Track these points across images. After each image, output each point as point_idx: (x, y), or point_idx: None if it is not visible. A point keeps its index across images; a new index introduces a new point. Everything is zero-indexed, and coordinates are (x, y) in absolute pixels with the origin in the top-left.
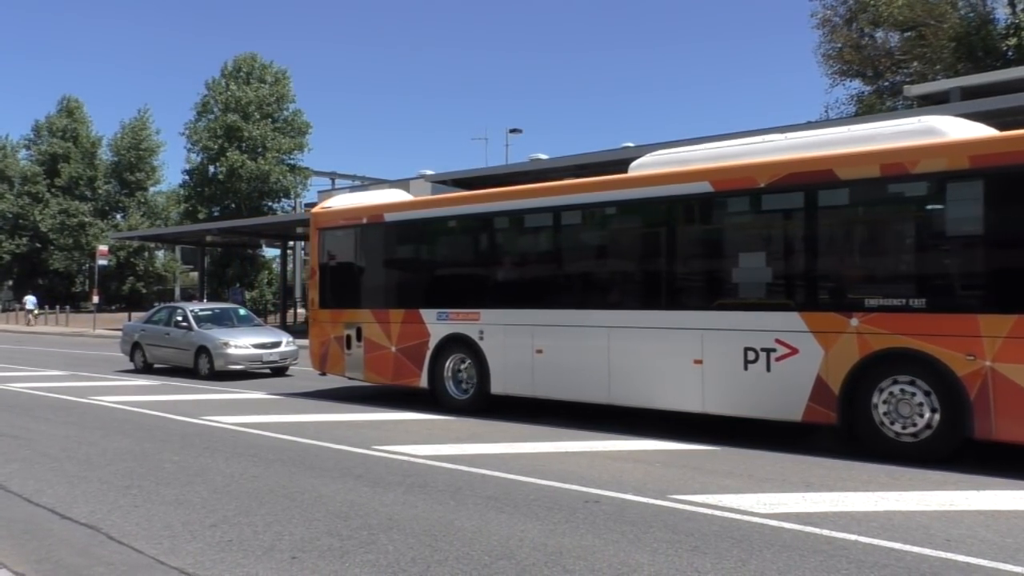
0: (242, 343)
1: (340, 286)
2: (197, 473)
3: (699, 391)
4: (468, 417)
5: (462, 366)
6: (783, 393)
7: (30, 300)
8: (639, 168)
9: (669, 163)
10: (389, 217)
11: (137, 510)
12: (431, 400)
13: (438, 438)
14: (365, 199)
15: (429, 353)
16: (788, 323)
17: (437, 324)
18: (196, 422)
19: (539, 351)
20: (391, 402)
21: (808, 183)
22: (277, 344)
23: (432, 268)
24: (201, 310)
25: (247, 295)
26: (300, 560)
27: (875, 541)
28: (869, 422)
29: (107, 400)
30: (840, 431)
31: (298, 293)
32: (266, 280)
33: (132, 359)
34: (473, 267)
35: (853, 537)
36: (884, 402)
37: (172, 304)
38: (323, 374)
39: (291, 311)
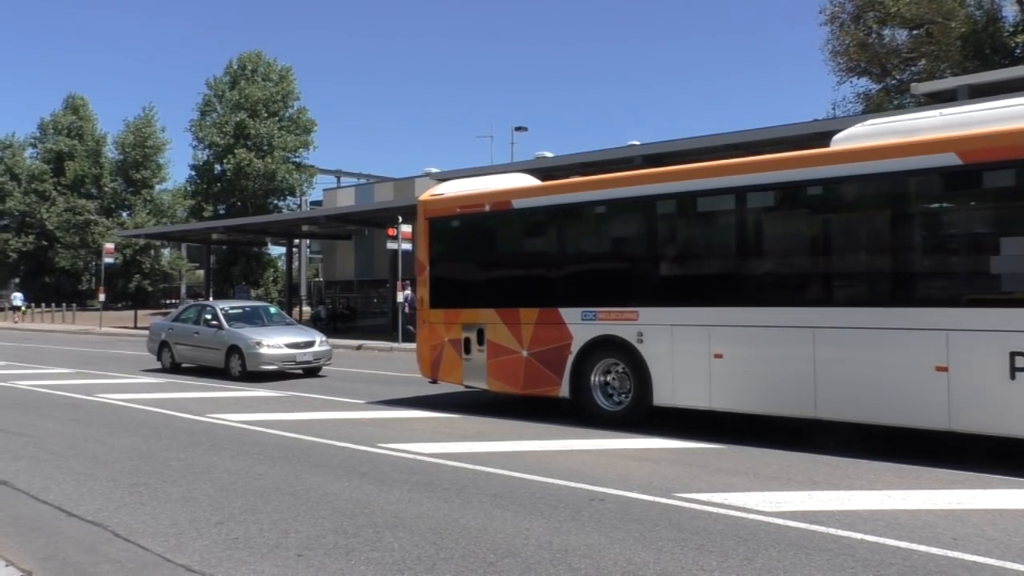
0: (275, 343)
1: (456, 283)
2: (203, 471)
3: (943, 404)
4: (472, 415)
5: (612, 373)
6: None
7: (17, 297)
8: (849, 140)
9: (891, 133)
10: (519, 203)
11: (143, 508)
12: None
13: (443, 436)
14: (483, 185)
15: (571, 358)
16: None
17: (581, 325)
18: (202, 420)
19: (717, 356)
20: (395, 401)
21: None
22: (311, 343)
23: (574, 261)
24: (231, 308)
25: (253, 293)
26: (306, 558)
27: (881, 540)
28: None
29: (113, 398)
30: None
31: (303, 291)
32: (272, 278)
33: (160, 358)
34: (628, 259)
35: (859, 536)
36: None
37: (201, 301)
38: (434, 381)
39: (296, 309)
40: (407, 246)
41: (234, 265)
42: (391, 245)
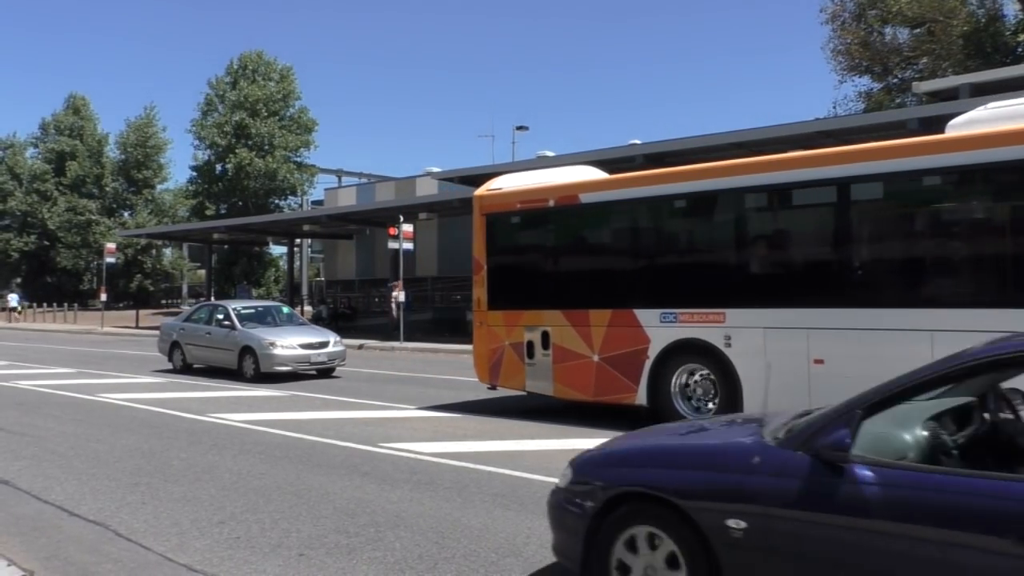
0: (289, 343)
1: (518, 282)
2: (205, 470)
3: None
4: (474, 414)
5: (693, 379)
6: None
7: (12, 297)
8: (971, 125)
9: (1020, 117)
10: (588, 198)
11: (145, 507)
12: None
13: (445, 435)
14: (544, 178)
15: (649, 363)
16: None
17: (661, 327)
18: (203, 419)
19: (818, 361)
20: (397, 400)
21: None
22: (325, 344)
23: (651, 259)
24: (244, 308)
25: (254, 292)
26: (308, 557)
27: None
28: None
29: (115, 398)
30: None
31: (304, 291)
32: (273, 278)
33: (171, 359)
34: (714, 257)
35: None
36: None
37: (213, 301)
38: (492, 387)
39: (298, 309)
40: (408, 245)
41: (235, 265)
42: (392, 245)
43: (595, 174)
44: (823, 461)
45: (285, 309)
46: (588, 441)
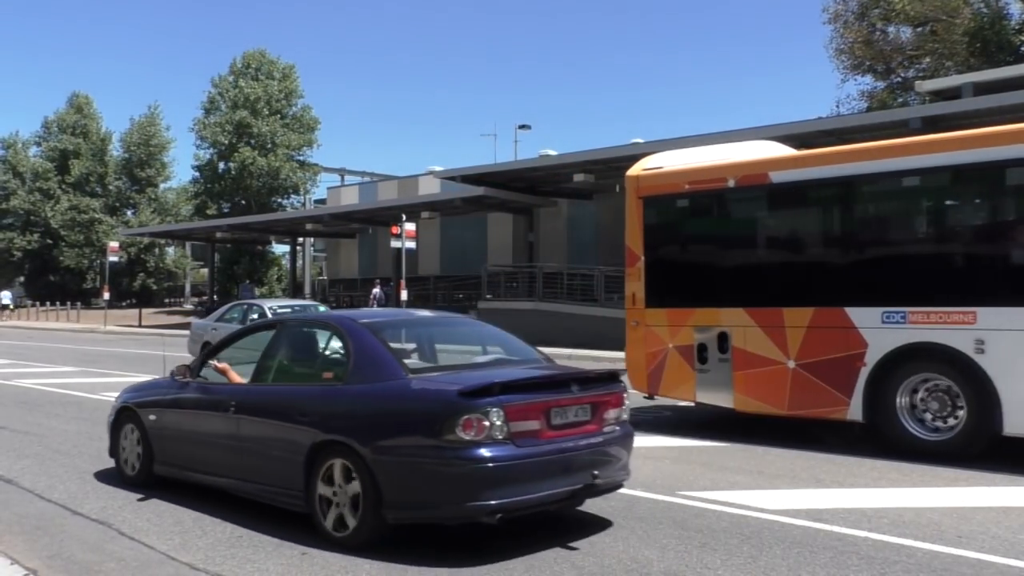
0: None
1: (686, 275)
2: None
3: None
4: None
5: (922, 391)
6: None
7: (5, 295)
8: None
9: None
10: (781, 176)
11: (148, 506)
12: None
13: None
14: (716, 155)
15: (867, 371)
16: None
17: (882, 329)
18: None
19: None
20: None
21: None
22: None
23: (870, 248)
24: (280, 307)
25: (257, 291)
26: (310, 556)
27: (885, 538)
28: None
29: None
30: None
31: (307, 290)
32: (276, 276)
33: None
34: (961, 244)
35: (863, 534)
36: None
37: (248, 300)
38: (650, 397)
39: None
40: (411, 244)
41: (238, 264)
42: (395, 243)
43: (781, 149)
44: (177, 383)
45: (322, 307)
46: None
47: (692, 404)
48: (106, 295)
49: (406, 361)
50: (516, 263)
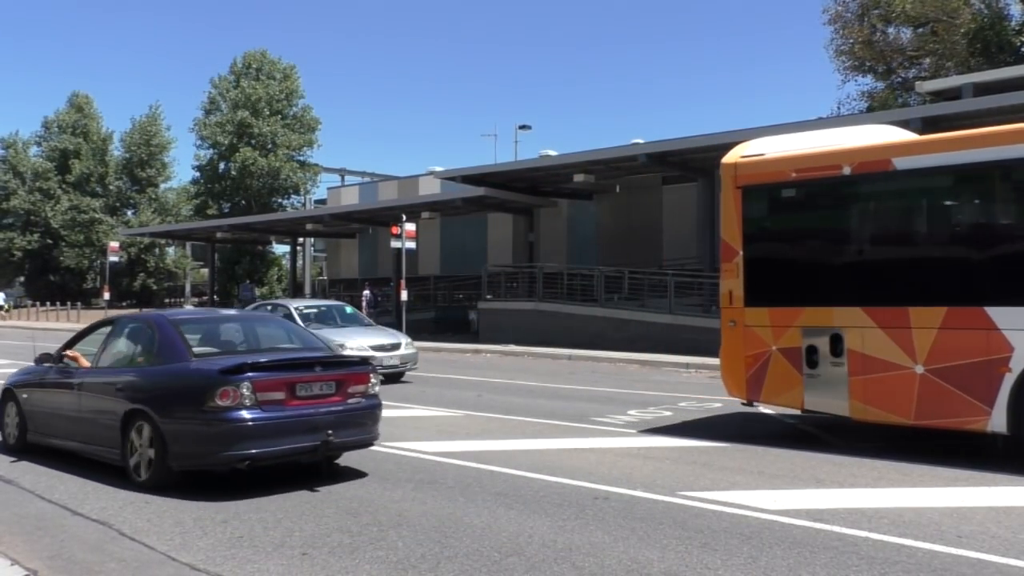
0: (359, 345)
1: (792, 271)
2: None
3: None
4: (475, 412)
5: None
6: None
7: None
8: None
9: None
10: (907, 163)
11: (148, 506)
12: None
13: (447, 435)
14: (818, 141)
15: (1011, 378)
16: None
17: None
18: None
19: None
20: (399, 399)
21: None
22: (396, 346)
23: (1018, 240)
24: (306, 307)
25: (257, 292)
26: (310, 556)
27: (885, 537)
28: None
29: None
30: None
31: (307, 290)
32: (276, 276)
33: None
34: None
35: (863, 534)
36: None
37: (274, 300)
38: (750, 404)
39: None
40: (411, 244)
41: (238, 264)
42: (395, 243)
43: (900, 134)
44: (45, 368)
45: (348, 309)
46: (590, 441)
47: (798, 412)
48: (106, 295)
49: (195, 348)
50: (516, 263)
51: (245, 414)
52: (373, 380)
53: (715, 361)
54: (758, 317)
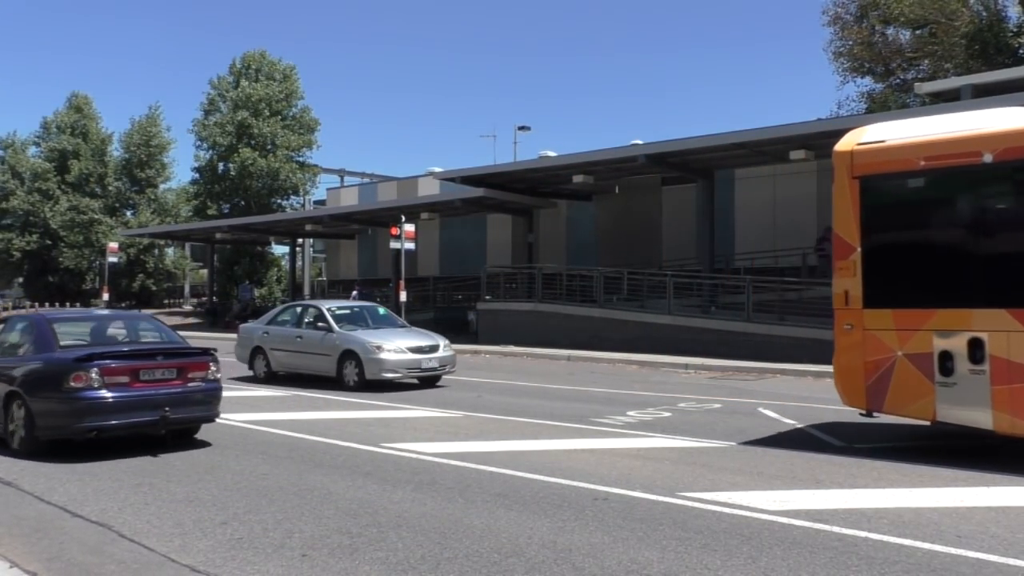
0: (397, 346)
1: (919, 269)
2: (207, 471)
3: None
4: (475, 413)
5: None
6: None
7: None
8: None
9: None
10: None
11: (148, 508)
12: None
13: (446, 436)
14: (951, 126)
15: None
16: None
17: None
18: None
19: None
20: (398, 400)
21: None
22: (435, 348)
23: None
24: (339, 308)
25: (256, 292)
26: (310, 558)
27: (885, 538)
28: None
29: None
30: None
31: (307, 291)
32: (275, 277)
33: (252, 367)
34: None
35: (863, 534)
36: None
37: (303, 301)
38: (868, 414)
39: None
40: (410, 245)
41: (238, 264)
42: (394, 244)
43: None
44: None
45: (381, 310)
46: (589, 442)
47: (927, 423)
48: (105, 296)
49: (63, 342)
50: (515, 264)
51: (94, 394)
52: (213, 368)
53: (713, 361)
54: (880, 320)
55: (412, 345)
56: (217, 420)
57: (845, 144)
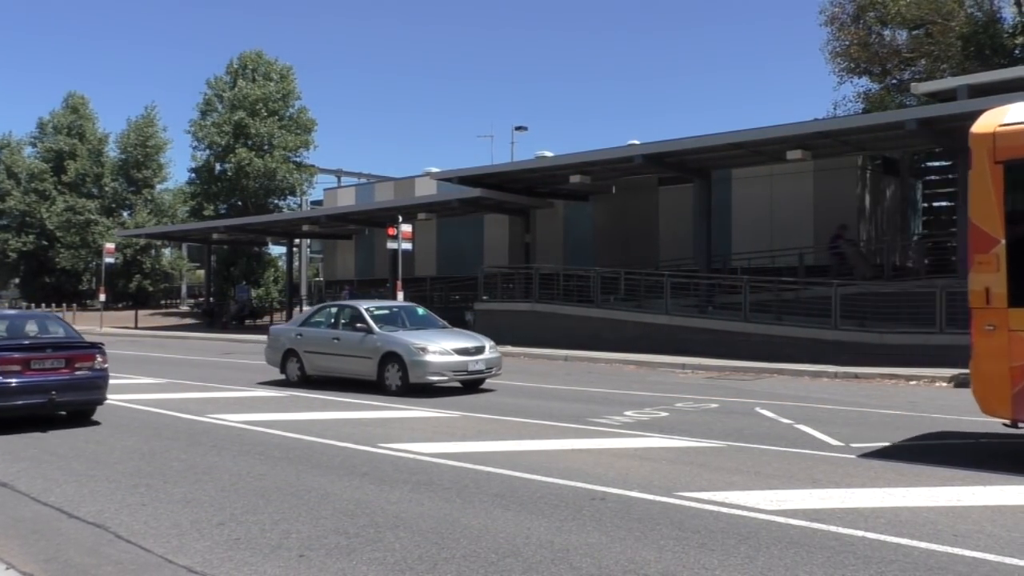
0: (442, 348)
1: None
2: (204, 471)
3: None
4: (472, 413)
5: None
6: None
7: None
8: None
9: None
10: None
11: (145, 508)
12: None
13: (444, 436)
14: None
15: None
16: None
17: None
18: (203, 420)
19: None
20: (398, 400)
21: None
22: (481, 349)
23: None
24: (377, 308)
25: (253, 293)
26: (308, 558)
27: (882, 537)
28: None
29: (113, 398)
30: None
31: (304, 291)
32: (272, 278)
33: (284, 370)
34: None
35: (860, 533)
36: None
37: (339, 302)
38: (1014, 424)
39: (297, 309)
40: (407, 245)
41: (235, 265)
42: (391, 244)
43: None
44: None
45: (420, 310)
46: (587, 442)
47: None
48: (102, 296)
49: None
50: (512, 264)
51: None
52: (100, 359)
53: (711, 361)
54: None
55: (458, 347)
56: (104, 403)
57: (984, 125)
